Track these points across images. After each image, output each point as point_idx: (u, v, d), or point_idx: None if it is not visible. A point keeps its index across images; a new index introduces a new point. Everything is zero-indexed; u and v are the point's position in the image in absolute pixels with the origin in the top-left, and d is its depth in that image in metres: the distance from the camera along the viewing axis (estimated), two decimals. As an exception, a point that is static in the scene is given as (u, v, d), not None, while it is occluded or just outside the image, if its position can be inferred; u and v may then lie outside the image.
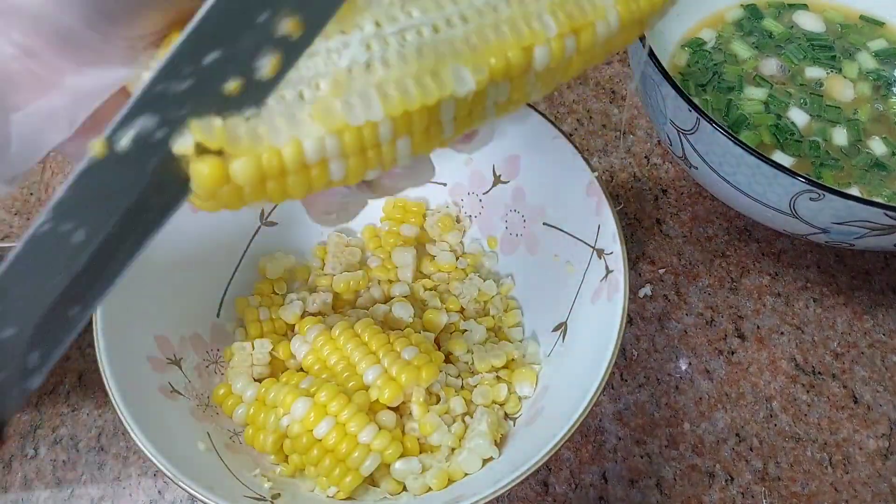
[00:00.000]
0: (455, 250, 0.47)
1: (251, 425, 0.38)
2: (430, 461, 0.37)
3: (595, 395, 0.33)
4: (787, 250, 0.51)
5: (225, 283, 0.44)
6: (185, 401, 0.38)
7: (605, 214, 0.39)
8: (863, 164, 0.47)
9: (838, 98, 0.51)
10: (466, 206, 0.48)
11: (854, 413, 0.45)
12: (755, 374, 0.46)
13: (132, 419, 0.33)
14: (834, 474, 0.43)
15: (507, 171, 0.45)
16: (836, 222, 0.39)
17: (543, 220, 0.44)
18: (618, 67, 0.61)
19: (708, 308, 0.49)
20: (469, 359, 0.42)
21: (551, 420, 0.35)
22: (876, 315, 0.49)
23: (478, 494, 0.31)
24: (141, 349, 0.38)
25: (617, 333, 0.35)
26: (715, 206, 0.53)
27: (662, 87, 0.42)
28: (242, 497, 0.33)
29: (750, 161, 0.39)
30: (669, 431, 0.44)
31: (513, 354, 0.42)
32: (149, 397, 0.36)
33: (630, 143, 0.56)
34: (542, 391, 0.40)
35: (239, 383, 0.39)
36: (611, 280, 0.38)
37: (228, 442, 0.38)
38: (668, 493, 0.42)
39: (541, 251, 0.44)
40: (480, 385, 0.40)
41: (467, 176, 0.47)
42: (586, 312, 0.39)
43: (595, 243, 0.40)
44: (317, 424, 0.36)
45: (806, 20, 0.55)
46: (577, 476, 0.42)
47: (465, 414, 0.39)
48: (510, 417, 0.40)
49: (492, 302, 0.44)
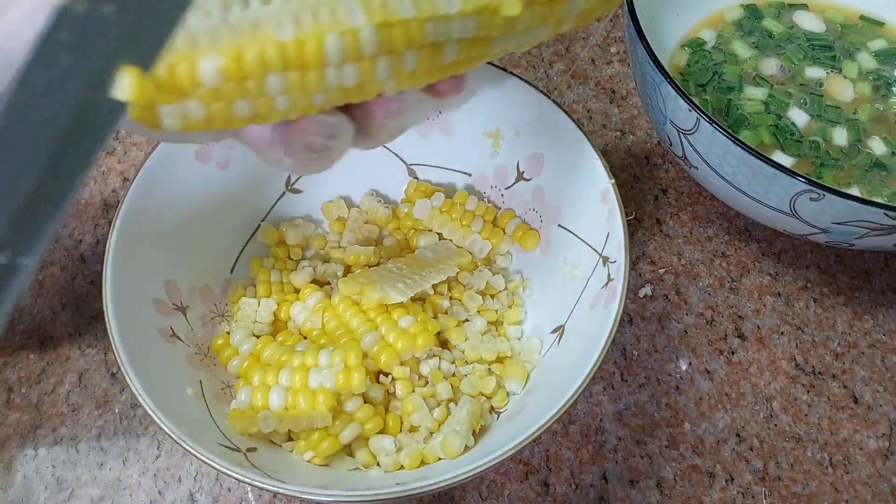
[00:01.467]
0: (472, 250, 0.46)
1: (242, 378, 0.39)
2: (408, 441, 0.38)
3: (575, 394, 0.33)
4: (787, 250, 0.51)
5: (243, 241, 0.46)
6: (184, 346, 0.39)
7: (615, 223, 0.39)
8: (863, 164, 0.47)
9: (838, 98, 0.51)
10: (490, 199, 0.48)
11: (854, 413, 0.45)
12: (755, 375, 0.46)
13: (124, 352, 0.34)
14: (834, 474, 0.43)
15: (531, 168, 0.46)
16: (836, 222, 0.39)
17: (559, 221, 0.44)
18: (618, 67, 0.61)
19: (708, 308, 0.49)
20: (465, 347, 0.42)
21: (531, 417, 0.35)
22: (876, 315, 0.49)
23: (437, 477, 0.32)
24: (148, 290, 0.39)
25: (605, 340, 0.35)
26: (715, 206, 0.53)
27: (662, 87, 0.42)
28: (217, 444, 0.34)
29: (750, 161, 0.39)
30: (670, 432, 0.44)
31: (507, 352, 0.42)
32: (147, 337, 0.37)
33: (630, 143, 0.56)
34: (530, 390, 0.40)
35: (237, 335, 0.41)
36: (610, 288, 0.38)
37: (219, 393, 0.39)
38: (668, 494, 0.42)
39: (552, 253, 0.44)
40: (471, 375, 0.41)
41: (492, 169, 0.47)
42: (584, 318, 0.40)
43: (602, 250, 0.40)
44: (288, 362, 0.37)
45: (806, 20, 0.55)
46: (578, 476, 0.42)
47: (451, 400, 0.40)
48: (496, 411, 0.41)
49: (498, 297, 0.45)
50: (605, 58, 0.61)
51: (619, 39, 0.63)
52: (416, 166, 0.48)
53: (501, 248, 0.46)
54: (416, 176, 0.49)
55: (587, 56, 0.62)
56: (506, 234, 0.46)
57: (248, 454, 0.35)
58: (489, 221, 0.46)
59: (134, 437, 0.43)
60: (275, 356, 0.39)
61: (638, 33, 0.43)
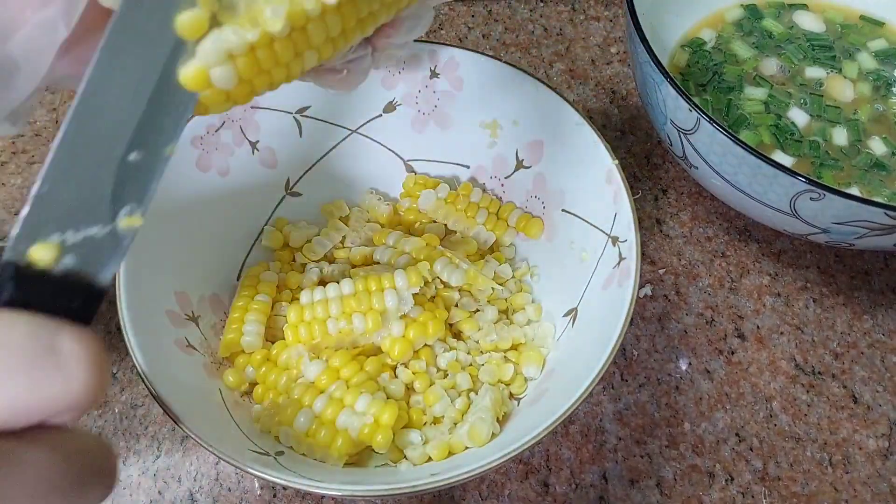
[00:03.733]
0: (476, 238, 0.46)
1: (262, 384, 0.39)
2: (433, 433, 0.38)
3: (598, 376, 0.33)
4: (787, 250, 0.51)
5: (247, 248, 0.46)
6: (200, 357, 0.39)
7: (622, 202, 0.39)
8: (863, 164, 0.47)
9: (838, 98, 0.51)
10: (488, 189, 0.48)
11: (854, 413, 0.45)
12: (755, 374, 0.46)
13: (147, 368, 0.33)
14: (834, 474, 0.43)
15: (530, 156, 0.45)
16: (836, 222, 0.39)
17: (562, 206, 0.44)
18: (618, 67, 0.61)
19: (708, 308, 0.49)
20: (479, 337, 0.42)
21: (554, 400, 0.35)
22: (876, 315, 0.49)
23: (469, 465, 0.31)
24: (160, 303, 0.38)
25: (625, 317, 0.35)
26: (715, 206, 0.53)
27: (662, 87, 0.42)
28: (247, 451, 0.34)
29: (750, 161, 0.39)
30: (669, 431, 0.44)
31: (520, 338, 0.42)
32: (165, 349, 0.37)
33: (630, 143, 0.56)
34: (548, 374, 0.40)
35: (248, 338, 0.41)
36: (623, 267, 0.38)
37: (238, 400, 0.39)
38: (668, 493, 0.42)
39: (558, 238, 0.44)
40: (488, 364, 0.41)
41: (490, 159, 0.47)
42: (598, 299, 0.39)
43: (611, 231, 0.40)
44: (328, 387, 0.37)
45: (806, 20, 0.55)
46: (578, 476, 0.42)
47: (471, 390, 0.40)
48: (515, 398, 0.41)
49: (506, 285, 0.45)
50: (605, 58, 0.61)
51: (619, 39, 0.63)
52: (414, 161, 0.48)
53: (505, 240, 0.46)
54: (413, 171, 0.49)
55: (587, 56, 0.62)
56: (509, 225, 0.46)
57: (277, 458, 0.35)
58: (493, 213, 0.46)
59: (134, 437, 0.43)
60: (291, 360, 0.39)
61: (638, 33, 0.43)
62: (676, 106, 0.41)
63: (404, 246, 0.43)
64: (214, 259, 0.43)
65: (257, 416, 0.38)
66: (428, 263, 0.41)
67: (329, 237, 0.46)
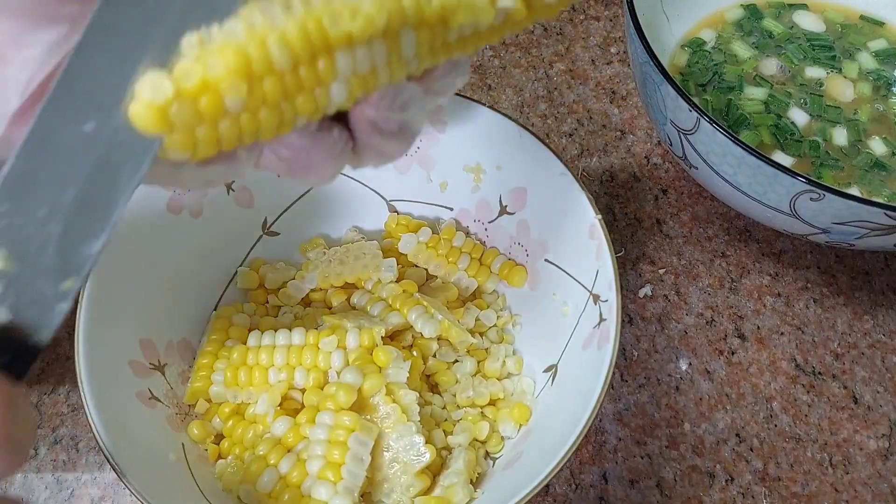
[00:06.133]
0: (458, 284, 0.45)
1: (228, 438, 0.38)
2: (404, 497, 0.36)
3: (574, 444, 0.32)
4: (787, 250, 0.51)
5: (221, 290, 0.44)
6: (164, 408, 0.38)
7: (604, 260, 0.38)
8: (863, 164, 0.47)
9: (838, 98, 0.51)
10: (472, 233, 0.46)
11: (854, 413, 0.45)
12: (755, 375, 0.46)
13: (103, 427, 0.32)
14: (834, 474, 0.43)
15: (514, 202, 0.44)
16: (836, 222, 0.39)
17: (546, 256, 0.43)
18: (618, 67, 0.61)
19: (708, 308, 0.49)
20: (456, 391, 0.41)
21: (530, 465, 0.34)
22: (876, 315, 0.49)
23: None
24: (123, 352, 0.37)
25: (602, 385, 0.34)
26: (715, 206, 0.53)
27: (662, 87, 0.42)
28: None
29: (750, 161, 0.39)
30: (670, 432, 0.44)
31: (499, 393, 0.41)
32: (125, 403, 0.35)
33: (630, 143, 0.56)
34: (525, 433, 0.39)
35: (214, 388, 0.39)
36: (602, 329, 0.36)
37: (202, 453, 0.38)
38: (668, 494, 0.42)
39: (540, 288, 0.43)
40: (463, 420, 0.40)
41: (474, 203, 0.46)
42: (577, 358, 0.38)
43: (592, 288, 0.39)
44: (295, 445, 0.36)
45: (806, 20, 0.55)
46: (577, 476, 0.42)
47: (443, 448, 0.38)
48: (491, 457, 0.39)
49: (487, 333, 0.43)
50: (605, 58, 0.61)
51: (619, 39, 0.63)
52: (397, 202, 0.47)
53: (487, 287, 0.45)
54: (396, 211, 0.47)
55: (587, 56, 0.62)
56: (492, 272, 0.45)
57: None
58: (475, 259, 0.45)
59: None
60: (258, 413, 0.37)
61: (638, 33, 0.43)
62: (676, 106, 0.41)
63: (381, 292, 0.42)
64: (185, 303, 0.42)
65: (220, 473, 0.36)
66: (386, 324, 0.40)
67: (305, 279, 0.44)
